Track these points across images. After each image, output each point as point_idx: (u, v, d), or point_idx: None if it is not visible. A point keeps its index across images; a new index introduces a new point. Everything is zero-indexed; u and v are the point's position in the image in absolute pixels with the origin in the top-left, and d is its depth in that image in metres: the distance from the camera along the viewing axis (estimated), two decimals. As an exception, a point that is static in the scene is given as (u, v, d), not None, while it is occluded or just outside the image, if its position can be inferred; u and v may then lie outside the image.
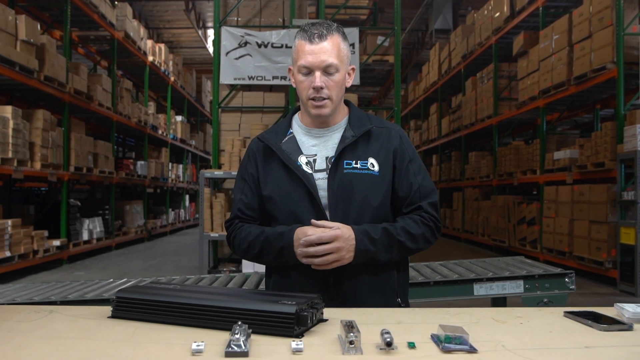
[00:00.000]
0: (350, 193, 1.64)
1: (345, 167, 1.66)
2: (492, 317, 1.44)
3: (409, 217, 1.68)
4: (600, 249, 7.24)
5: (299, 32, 1.68)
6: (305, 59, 1.63)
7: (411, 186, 1.70)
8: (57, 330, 1.30)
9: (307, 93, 1.65)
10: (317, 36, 1.63)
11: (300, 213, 1.64)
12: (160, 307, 1.36)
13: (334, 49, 1.64)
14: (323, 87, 1.63)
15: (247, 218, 1.76)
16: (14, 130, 7.21)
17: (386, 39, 8.62)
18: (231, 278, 3.52)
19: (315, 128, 1.74)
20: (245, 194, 1.77)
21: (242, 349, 1.08)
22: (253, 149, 1.79)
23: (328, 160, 1.69)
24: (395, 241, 1.61)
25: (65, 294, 3.00)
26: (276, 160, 1.71)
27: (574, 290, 3.36)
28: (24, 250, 7.48)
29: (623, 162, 6.97)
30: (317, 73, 1.63)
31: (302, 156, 1.70)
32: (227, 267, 6.81)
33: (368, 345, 1.15)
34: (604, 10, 7.33)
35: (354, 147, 1.68)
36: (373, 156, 1.69)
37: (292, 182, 1.66)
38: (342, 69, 1.66)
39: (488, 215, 11.40)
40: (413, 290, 3.29)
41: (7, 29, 7.20)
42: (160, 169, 14.70)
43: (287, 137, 1.75)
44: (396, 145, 1.72)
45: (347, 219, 1.62)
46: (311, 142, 1.73)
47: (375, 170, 1.67)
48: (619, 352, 1.15)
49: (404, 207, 1.70)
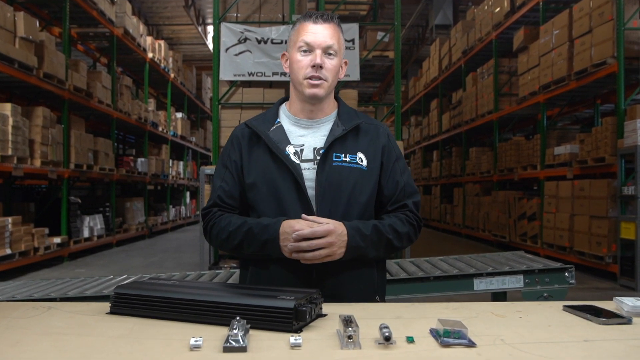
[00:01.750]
0: (338, 186, 1.63)
1: (335, 160, 1.65)
2: (491, 312, 1.44)
3: (395, 216, 1.69)
4: (600, 243, 7.27)
5: (301, 16, 1.72)
6: (308, 36, 1.65)
7: (397, 184, 1.71)
8: (56, 326, 1.30)
9: (304, 72, 1.65)
10: (321, 18, 1.66)
11: (285, 203, 1.62)
12: (159, 303, 1.36)
13: (335, 34, 1.67)
14: (322, 65, 1.64)
15: (226, 207, 1.71)
16: (14, 127, 7.22)
17: (386, 35, 8.60)
18: (231, 274, 3.50)
19: (304, 118, 1.73)
20: (225, 181, 1.72)
21: (240, 344, 1.08)
22: (237, 136, 1.75)
23: (316, 151, 1.68)
24: (384, 239, 1.62)
25: (65, 291, 2.99)
26: (262, 148, 1.68)
27: (574, 284, 3.35)
28: (25, 248, 7.49)
29: (623, 157, 6.98)
30: (318, 51, 1.64)
31: (289, 146, 1.68)
32: (228, 264, 6.81)
33: (367, 340, 1.15)
34: (604, 5, 7.33)
35: (344, 140, 1.68)
36: (362, 151, 1.69)
37: (279, 171, 1.64)
38: (339, 56, 1.68)
39: (489, 211, 11.43)
40: (413, 285, 3.29)
41: (5, 26, 7.19)
42: (161, 165, 14.72)
43: (274, 125, 1.73)
44: (384, 143, 1.73)
45: (334, 212, 1.62)
46: (299, 132, 1.72)
47: (364, 165, 1.67)
48: (617, 345, 1.15)
49: (388, 205, 1.71)
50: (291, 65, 1.70)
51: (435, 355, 1.08)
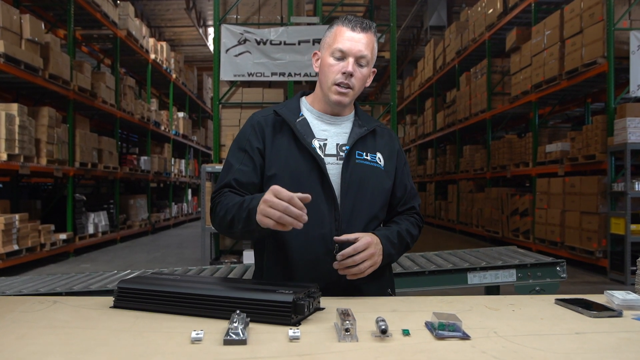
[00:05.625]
0: (361, 183, 1.65)
1: (357, 158, 1.66)
2: (485, 305, 1.45)
3: (406, 219, 1.75)
4: (591, 239, 7.34)
5: (340, 18, 1.70)
6: (344, 43, 1.63)
7: (406, 187, 1.78)
8: (60, 320, 1.30)
9: (334, 77, 1.64)
10: (360, 26, 1.65)
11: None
12: (161, 297, 1.37)
13: (370, 44, 1.66)
14: (353, 74, 1.64)
15: (239, 191, 1.62)
16: (20, 127, 7.32)
17: (382, 36, 8.75)
18: (232, 269, 3.52)
19: (327, 114, 1.73)
20: (245, 164, 1.65)
21: (240, 337, 1.09)
22: (260, 122, 1.70)
23: (339, 147, 1.68)
24: (404, 243, 1.69)
25: (71, 286, 3.01)
26: (287, 137, 1.66)
27: (565, 278, 3.40)
28: (32, 244, 7.59)
29: (613, 155, 7.06)
30: (351, 59, 1.63)
31: (315, 139, 1.67)
32: (229, 259, 6.86)
33: (363, 332, 1.16)
34: (594, 6, 7.43)
35: (364, 140, 1.70)
36: (380, 151, 1.72)
37: (304, 163, 1.62)
38: (370, 65, 1.69)
39: (482, 207, 11.51)
40: (409, 279, 3.33)
41: (12, 28, 7.27)
42: (163, 164, 14.83)
43: (299, 117, 1.71)
44: (397, 147, 1.80)
45: (357, 208, 1.64)
46: (322, 127, 1.72)
47: (382, 164, 1.71)
48: (608, 337, 1.16)
49: (398, 207, 1.77)
50: (322, 67, 1.69)
51: (431, 347, 1.08)
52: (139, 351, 1.07)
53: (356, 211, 1.63)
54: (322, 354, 1.06)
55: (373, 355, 1.05)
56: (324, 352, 1.06)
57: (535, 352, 1.06)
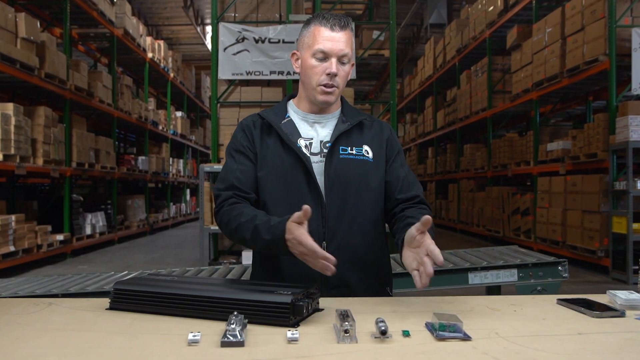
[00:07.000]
0: (346, 177, 1.66)
1: (341, 153, 1.68)
2: (486, 305, 1.45)
3: (419, 211, 1.66)
4: (592, 238, 7.32)
5: (316, 17, 1.71)
6: (325, 44, 1.65)
7: (399, 175, 1.76)
8: (55, 322, 1.30)
9: (318, 79, 1.67)
10: (338, 25, 1.66)
11: (295, 194, 1.64)
12: (157, 298, 1.36)
13: (349, 41, 1.68)
14: (337, 73, 1.66)
15: (242, 191, 1.69)
16: (16, 127, 7.27)
17: (382, 34, 8.69)
18: (230, 270, 3.49)
19: (312, 114, 1.76)
20: (242, 163, 1.72)
21: (238, 338, 1.09)
22: (249, 125, 1.76)
23: (323, 144, 1.71)
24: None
25: (67, 287, 2.98)
26: (273, 139, 1.71)
27: (567, 278, 3.37)
28: (28, 245, 7.55)
29: (615, 153, 7.04)
30: (334, 60, 1.65)
31: (300, 139, 1.71)
32: (227, 259, 6.86)
33: (363, 334, 1.15)
34: (596, 3, 7.39)
35: (349, 134, 1.71)
36: (367, 144, 1.73)
37: (290, 163, 1.66)
38: (351, 61, 1.71)
39: (483, 206, 11.50)
40: (409, 279, 3.17)
41: (7, 27, 7.24)
42: (161, 163, 14.80)
43: (285, 119, 1.75)
44: (388, 136, 1.79)
45: (344, 202, 1.65)
46: (308, 127, 1.75)
47: (370, 157, 1.72)
48: (611, 338, 1.16)
49: (397, 194, 1.73)
50: (304, 68, 1.71)
51: (431, 348, 1.08)
52: (135, 353, 1.07)
53: (344, 207, 1.65)
54: (321, 355, 1.05)
55: (373, 356, 1.04)
56: (323, 354, 1.06)
57: (537, 353, 1.06)
